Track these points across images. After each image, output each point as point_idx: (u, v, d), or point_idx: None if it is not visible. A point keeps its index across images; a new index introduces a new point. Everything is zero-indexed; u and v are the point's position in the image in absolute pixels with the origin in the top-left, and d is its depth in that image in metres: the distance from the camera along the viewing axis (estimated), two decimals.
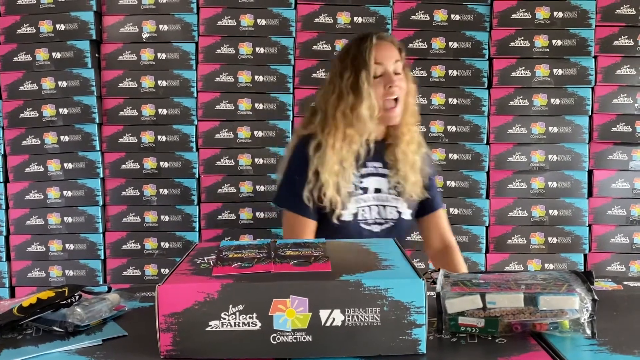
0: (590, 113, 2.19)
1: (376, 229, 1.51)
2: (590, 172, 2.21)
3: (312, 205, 1.49)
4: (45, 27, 2.17)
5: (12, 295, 2.24)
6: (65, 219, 2.22)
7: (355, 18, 2.18)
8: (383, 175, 1.54)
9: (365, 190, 1.52)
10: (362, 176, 1.52)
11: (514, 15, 2.16)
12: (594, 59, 2.17)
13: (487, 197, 2.22)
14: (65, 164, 2.21)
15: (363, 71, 1.48)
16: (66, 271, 2.23)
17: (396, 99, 1.49)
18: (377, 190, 1.53)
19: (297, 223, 1.52)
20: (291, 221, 1.54)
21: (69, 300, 0.97)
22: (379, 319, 0.82)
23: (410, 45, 2.19)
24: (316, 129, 1.51)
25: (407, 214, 1.55)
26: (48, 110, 2.19)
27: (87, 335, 0.93)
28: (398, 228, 1.54)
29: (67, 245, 2.22)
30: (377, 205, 1.51)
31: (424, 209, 1.62)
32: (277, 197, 1.60)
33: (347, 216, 1.49)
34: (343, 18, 2.18)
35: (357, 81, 1.47)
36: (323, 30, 2.19)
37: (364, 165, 1.53)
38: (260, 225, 2.23)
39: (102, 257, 2.23)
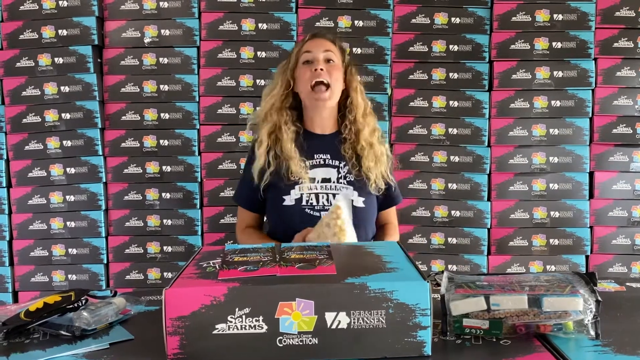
0: (590, 115, 2.20)
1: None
2: (591, 174, 2.22)
3: (254, 196, 1.59)
4: (48, 32, 2.18)
5: (15, 300, 2.25)
6: (68, 223, 2.22)
7: (356, 22, 2.19)
8: (332, 166, 1.58)
9: (311, 179, 1.56)
10: (309, 167, 1.57)
11: (514, 18, 2.17)
12: (594, 61, 2.18)
13: (489, 199, 2.23)
14: (67, 169, 2.22)
15: (285, 61, 1.63)
16: (69, 275, 2.23)
17: (327, 85, 1.54)
18: (325, 180, 1.57)
19: (241, 213, 1.68)
20: (239, 212, 1.70)
21: (76, 305, 0.97)
22: (384, 321, 0.83)
23: (411, 49, 2.20)
24: None
25: (359, 202, 1.56)
26: (50, 115, 2.20)
27: (94, 339, 0.94)
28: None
29: (70, 250, 2.23)
30: (325, 193, 1.55)
31: (382, 204, 1.66)
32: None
33: (289, 201, 1.54)
34: (344, 22, 2.19)
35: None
36: None
37: (311, 157, 1.58)
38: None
39: (105, 261, 2.24)
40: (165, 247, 2.24)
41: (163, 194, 2.23)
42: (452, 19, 2.19)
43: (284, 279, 0.86)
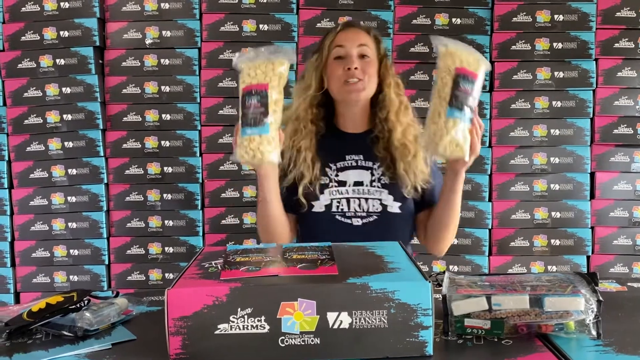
0: (591, 115, 2.20)
1: (357, 222, 1.43)
2: (592, 174, 2.22)
3: (288, 198, 1.45)
4: (49, 34, 2.18)
5: (17, 301, 2.25)
6: (69, 224, 2.23)
7: None
8: (366, 168, 1.46)
9: (342, 183, 1.45)
10: (339, 169, 1.46)
11: (514, 19, 2.18)
12: (595, 62, 2.18)
13: (490, 199, 2.23)
14: (69, 170, 2.22)
15: (315, 54, 1.48)
16: (71, 276, 2.24)
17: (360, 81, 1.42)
18: (358, 183, 1.45)
19: None
20: None
21: (78, 305, 0.98)
22: (386, 321, 0.83)
23: (412, 50, 2.20)
24: None
25: (394, 207, 1.44)
26: (52, 117, 2.20)
27: (96, 339, 0.94)
28: (385, 222, 1.44)
29: (71, 251, 2.23)
30: (357, 198, 1.44)
31: (422, 202, 1.51)
32: None
33: (318, 207, 1.44)
34: None
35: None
36: None
37: (342, 159, 1.47)
38: None
39: (107, 262, 2.24)
40: (166, 248, 2.24)
41: (164, 195, 2.23)
42: (453, 19, 2.20)
43: (286, 279, 0.87)
